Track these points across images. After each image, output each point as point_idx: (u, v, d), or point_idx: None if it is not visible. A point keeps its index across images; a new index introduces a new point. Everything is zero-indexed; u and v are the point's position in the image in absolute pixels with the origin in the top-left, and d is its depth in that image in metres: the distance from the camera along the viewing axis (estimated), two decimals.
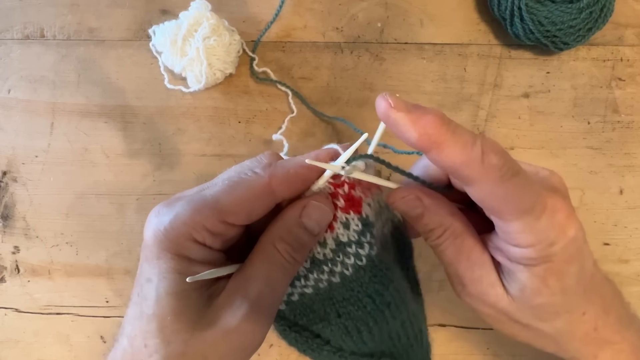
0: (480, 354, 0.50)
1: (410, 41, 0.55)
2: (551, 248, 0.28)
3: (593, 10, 0.50)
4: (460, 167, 0.26)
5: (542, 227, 0.28)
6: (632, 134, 0.54)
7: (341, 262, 0.33)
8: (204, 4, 0.51)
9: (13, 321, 0.50)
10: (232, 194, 0.29)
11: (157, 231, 0.29)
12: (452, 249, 0.31)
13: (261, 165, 0.30)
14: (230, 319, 0.29)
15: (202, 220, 0.29)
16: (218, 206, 0.29)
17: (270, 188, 0.29)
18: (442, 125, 0.25)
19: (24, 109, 0.54)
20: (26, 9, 0.56)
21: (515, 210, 0.27)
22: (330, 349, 0.36)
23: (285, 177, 0.30)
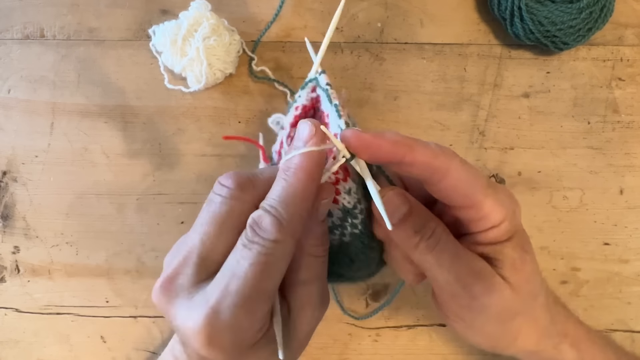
0: (480, 354, 0.50)
1: (410, 41, 0.55)
2: (515, 216, 0.32)
3: (593, 10, 0.50)
4: (433, 161, 0.29)
5: (502, 198, 0.31)
6: (632, 134, 0.54)
7: (350, 224, 0.35)
8: (204, 4, 0.51)
9: (13, 321, 0.50)
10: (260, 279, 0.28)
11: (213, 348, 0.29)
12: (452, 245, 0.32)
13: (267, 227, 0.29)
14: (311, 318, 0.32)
15: (253, 323, 0.29)
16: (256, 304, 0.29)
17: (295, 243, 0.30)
18: (403, 136, 0.30)
19: (24, 109, 0.54)
20: (26, 9, 0.56)
21: (481, 187, 0.30)
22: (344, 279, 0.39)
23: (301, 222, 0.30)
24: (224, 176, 0.30)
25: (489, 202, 0.30)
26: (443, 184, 0.30)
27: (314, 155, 0.29)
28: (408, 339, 0.50)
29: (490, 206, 0.30)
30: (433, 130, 0.53)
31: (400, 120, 0.53)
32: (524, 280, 0.32)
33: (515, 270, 0.32)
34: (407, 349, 0.50)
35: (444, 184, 0.30)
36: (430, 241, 0.31)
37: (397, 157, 0.29)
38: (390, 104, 0.54)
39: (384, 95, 0.54)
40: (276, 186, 0.29)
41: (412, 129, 0.53)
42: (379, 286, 0.51)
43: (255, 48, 0.54)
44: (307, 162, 0.29)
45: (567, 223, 0.52)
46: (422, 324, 0.50)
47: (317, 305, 0.32)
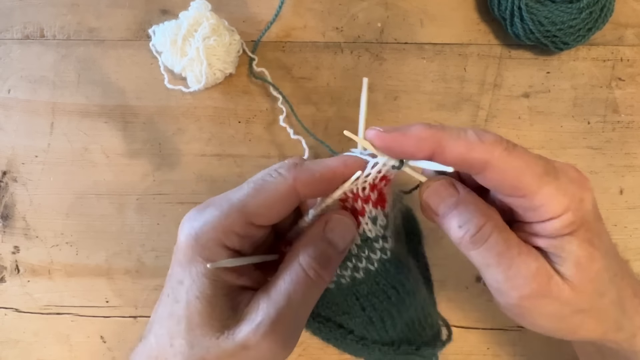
0: (480, 354, 0.50)
1: (410, 41, 0.55)
2: (583, 205, 0.28)
3: (593, 10, 0.50)
4: (468, 154, 0.27)
5: (565, 185, 0.28)
6: (632, 134, 0.54)
7: (366, 257, 0.33)
8: (204, 4, 0.51)
9: (13, 321, 0.50)
10: (258, 197, 0.30)
11: (189, 236, 0.30)
12: (501, 243, 0.29)
13: (286, 167, 0.30)
14: (250, 335, 0.29)
15: (231, 224, 0.29)
16: (245, 209, 0.29)
17: (295, 190, 0.30)
18: (431, 127, 0.28)
19: (24, 109, 0.54)
20: (26, 9, 0.56)
21: (534, 176, 0.27)
22: (353, 338, 0.37)
23: (310, 179, 0.30)
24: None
25: (545, 191, 0.27)
26: (485, 175, 0.28)
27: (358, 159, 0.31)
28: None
29: (547, 196, 0.27)
30: None
31: (400, 120, 0.53)
32: (588, 279, 0.29)
33: (580, 268, 0.29)
34: None
35: (487, 176, 0.28)
36: (476, 238, 0.29)
37: (425, 154, 0.28)
38: (390, 104, 0.54)
39: (384, 95, 0.54)
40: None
41: None
42: None
43: (255, 48, 0.54)
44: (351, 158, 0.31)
45: None
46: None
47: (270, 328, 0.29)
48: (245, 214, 0.29)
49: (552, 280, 0.29)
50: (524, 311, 0.31)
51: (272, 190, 0.30)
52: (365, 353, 0.38)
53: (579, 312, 0.30)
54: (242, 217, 0.29)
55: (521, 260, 0.29)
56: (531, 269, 0.29)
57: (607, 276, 0.30)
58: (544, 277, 0.29)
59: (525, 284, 0.29)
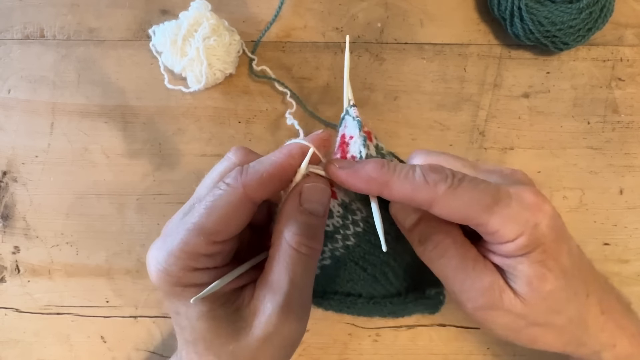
0: (480, 354, 0.50)
1: (410, 41, 0.55)
2: (538, 229, 0.29)
3: (593, 10, 0.50)
4: (414, 195, 0.29)
5: (516, 212, 0.29)
6: (632, 134, 0.54)
7: (351, 222, 0.34)
8: (204, 4, 0.51)
9: (13, 321, 0.50)
10: (212, 215, 0.29)
11: (158, 271, 0.30)
12: (457, 259, 0.31)
13: (232, 174, 0.30)
14: (267, 326, 0.30)
15: (193, 248, 0.29)
16: (203, 231, 0.29)
17: (247, 197, 0.30)
18: (382, 167, 0.29)
19: (24, 109, 0.54)
20: (26, 9, 0.56)
21: (482, 208, 0.28)
22: (363, 301, 0.39)
23: (260, 183, 0.30)
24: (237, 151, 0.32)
25: (496, 220, 0.28)
26: (434, 211, 0.29)
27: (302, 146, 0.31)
28: (408, 339, 0.50)
29: (498, 224, 0.29)
30: (433, 131, 0.53)
31: (400, 120, 0.53)
32: (540, 297, 0.30)
33: (531, 287, 0.30)
34: (407, 349, 0.50)
35: (435, 212, 0.29)
36: (433, 253, 0.31)
37: (375, 192, 0.30)
38: (390, 104, 0.54)
39: (384, 95, 0.54)
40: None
41: (412, 129, 0.53)
42: None
43: (255, 48, 0.54)
44: (294, 146, 0.31)
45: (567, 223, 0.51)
46: (422, 324, 0.50)
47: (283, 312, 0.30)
48: (204, 235, 0.29)
49: (503, 295, 0.31)
50: (480, 320, 0.32)
51: (224, 205, 0.29)
52: (378, 310, 0.40)
53: (534, 325, 0.32)
54: (202, 239, 0.29)
55: (475, 275, 0.31)
56: (484, 283, 0.30)
57: (563, 295, 0.31)
58: (496, 292, 0.30)
59: (478, 297, 0.31)
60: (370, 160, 0.30)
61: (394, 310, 0.40)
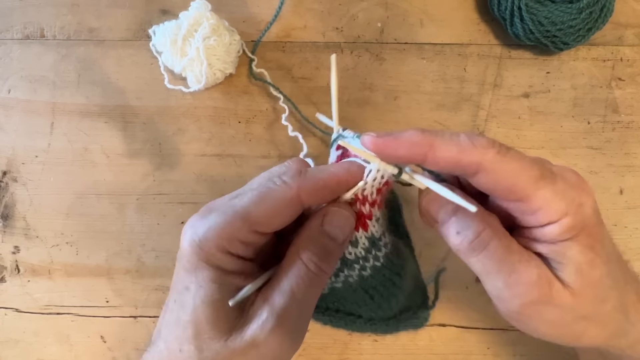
0: (480, 354, 0.50)
1: (410, 41, 0.55)
2: (582, 210, 0.28)
3: (593, 10, 0.50)
4: (460, 157, 0.27)
5: (563, 189, 0.28)
6: (632, 134, 0.54)
7: (374, 256, 0.34)
8: (204, 4, 0.51)
9: (13, 321, 0.50)
10: (262, 205, 0.30)
11: (192, 242, 0.30)
12: (501, 250, 0.29)
13: (290, 174, 0.30)
14: (258, 332, 0.30)
15: (234, 232, 0.29)
16: (249, 217, 0.29)
17: (299, 198, 0.30)
18: (423, 132, 0.28)
19: (24, 109, 0.54)
20: (26, 9, 0.56)
21: (529, 179, 0.27)
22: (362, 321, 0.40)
23: (314, 188, 0.30)
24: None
25: (542, 194, 0.27)
26: (479, 178, 0.28)
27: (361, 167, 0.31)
28: (408, 339, 0.50)
29: (543, 199, 0.27)
30: None
31: (400, 120, 0.53)
32: (590, 285, 0.29)
33: (581, 275, 0.28)
34: (407, 349, 0.50)
35: (480, 179, 0.28)
36: (474, 244, 0.29)
37: (418, 158, 0.28)
38: (390, 104, 0.54)
39: (384, 95, 0.54)
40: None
41: None
42: None
43: (255, 49, 0.54)
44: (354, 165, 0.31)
45: None
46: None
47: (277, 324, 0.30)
48: (248, 222, 0.29)
49: (553, 287, 0.29)
50: (525, 318, 0.31)
51: (276, 198, 0.30)
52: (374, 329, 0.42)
53: (581, 319, 0.30)
54: (245, 225, 0.29)
55: (522, 267, 0.29)
56: (532, 275, 0.29)
57: (608, 282, 0.30)
58: (545, 284, 0.29)
59: (527, 291, 0.29)
60: (409, 128, 0.29)
61: (387, 329, 0.43)
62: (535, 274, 0.29)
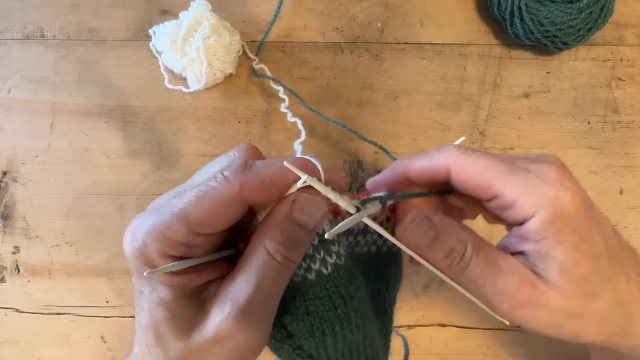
0: (480, 354, 0.50)
1: (410, 41, 0.55)
2: (559, 204, 0.28)
3: (593, 10, 0.50)
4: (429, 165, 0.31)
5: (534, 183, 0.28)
6: (632, 134, 0.54)
7: (321, 259, 0.32)
8: (204, 4, 0.51)
9: (13, 321, 0.50)
10: (201, 206, 0.28)
11: (133, 249, 0.29)
12: (481, 265, 0.29)
13: (233, 168, 0.28)
14: (221, 326, 0.28)
15: (173, 235, 0.28)
16: (188, 219, 0.27)
17: (241, 197, 0.28)
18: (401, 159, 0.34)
19: (24, 109, 0.54)
20: (26, 9, 0.56)
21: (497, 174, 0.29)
22: (291, 344, 0.34)
23: (258, 186, 0.28)
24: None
25: (511, 188, 0.28)
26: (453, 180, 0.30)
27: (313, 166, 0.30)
28: (408, 339, 0.50)
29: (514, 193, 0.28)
30: (433, 131, 0.53)
31: (400, 120, 0.53)
32: (574, 283, 0.29)
33: (564, 274, 0.28)
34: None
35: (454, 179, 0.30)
36: (461, 265, 0.30)
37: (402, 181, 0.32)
38: (390, 104, 0.54)
39: (384, 95, 0.54)
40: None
41: (412, 129, 0.53)
42: None
43: (259, 50, 0.54)
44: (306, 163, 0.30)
45: None
46: (422, 324, 0.50)
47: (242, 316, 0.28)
48: (187, 224, 0.27)
49: (537, 288, 0.29)
50: (521, 321, 0.31)
51: (216, 198, 0.28)
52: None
53: (575, 317, 0.30)
54: (184, 227, 0.27)
55: (502, 274, 0.29)
56: (513, 281, 0.29)
57: (596, 279, 0.29)
58: (527, 287, 0.29)
59: (511, 296, 0.29)
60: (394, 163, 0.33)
61: None
62: (516, 279, 0.29)
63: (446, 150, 0.31)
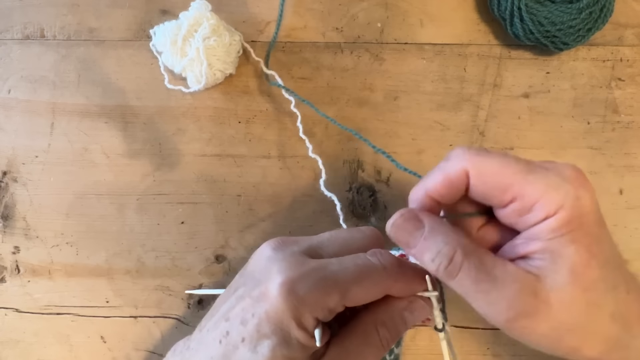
0: (480, 354, 0.50)
1: (410, 41, 0.55)
2: (580, 204, 0.27)
3: (593, 10, 0.50)
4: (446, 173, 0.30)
5: (556, 181, 0.27)
6: (632, 134, 0.54)
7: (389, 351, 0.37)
8: (204, 4, 0.51)
9: (13, 321, 0.50)
10: (361, 285, 0.30)
11: (291, 295, 0.29)
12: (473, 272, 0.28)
13: (387, 257, 0.31)
14: None
15: (329, 303, 0.30)
16: (346, 293, 0.30)
17: (390, 288, 0.31)
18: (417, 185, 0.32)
19: (24, 109, 0.54)
20: (26, 9, 0.56)
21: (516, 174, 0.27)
22: None
23: (401, 287, 0.32)
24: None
25: (533, 188, 0.27)
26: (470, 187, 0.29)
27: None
28: (408, 338, 0.50)
29: (537, 192, 0.26)
30: (433, 131, 0.53)
31: (400, 120, 0.53)
32: (582, 288, 0.27)
33: (574, 276, 0.27)
34: (407, 349, 0.50)
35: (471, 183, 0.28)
36: (449, 269, 0.28)
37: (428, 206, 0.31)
38: (390, 104, 0.54)
39: (384, 95, 0.54)
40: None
41: (412, 129, 0.53)
42: None
43: (267, 58, 0.54)
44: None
45: None
46: (422, 324, 0.50)
47: None
48: (345, 297, 0.30)
49: (537, 297, 0.27)
50: (517, 333, 0.29)
51: (375, 282, 0.30)
52: None
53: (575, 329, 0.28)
54: (341, 300, 0.30)
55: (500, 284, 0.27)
56: (512, 289, 0.27)
57: (603, 287, 0.28)
58: (529, 295, 0.27)
59: (510, 307, 0.27)
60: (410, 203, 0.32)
61: None
62: (515, 288, 0.27)
63: (457, 154, 0.29)
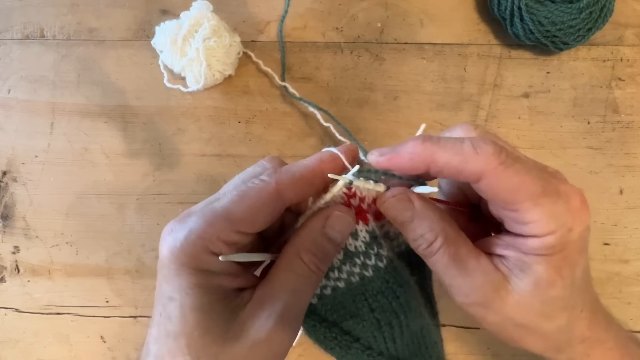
0: (480, 354, 0.50)
1: (410, 41, 0.55)
2: (569, 235, 0.28)
3: (593, 10, 0.50)
4: (462, 167, 0.28)
5: (559, 211, 0.28)
6: (632, 134, 0.54)
7: (375, 254, 0.34)
8: (205, 4, 0.51)
9: (13, 321, 0.50)
10: (242, 203, 0.29)
11: (173, 248, 0.29)
12: (446, 259, 0.30)
13: (266, 172, 0.31)
14: (258, 331, 0.29)
15: (216, 232, 0.29)
16: (230, 217, 0.29)
17: (279, 194, 0.30)
18: (424, 141, 0.28)
19: (24, 109, 0.54)
20: (26, 9, 0.56)
21: (528, 195, 0.27)
22: (359, 347, 0.35)
23: (292, 181, 0.30)
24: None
25: (538, 211, 0.27)
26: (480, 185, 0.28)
27: (331, 153, 0.32)
28: None
29: (538, 216, 0.27)
30: (433, 131, 0.53)
31: (400, 120, 0.53)
32: (540, 301, 0.29)
33: (536, 289, 0.29)
34: None
35: (481, 186, 0.28)
36: (426, 251, 0.31)
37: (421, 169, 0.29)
38: (390, 104, 0.54)
39: (384, 95, 0.54)
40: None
41: (412, 129, 0.53)
42: None
43: (284, 70, 0.54)
44: (324, 153, 0.32)
45: None
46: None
47: (279, 321, 0.30)
48: (230, 221, 0.29)
49: (498, 293, 0.30)
50: (469, 315, 0.32)
51: (256, 196, 0.30)
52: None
53: (521, 327, 0.31)
54: (227, 225, 0.29)
55: (467, 273, 0.30)
56: (475, 282, 0.30)
57: (561, 304, 0.30)
58: (489, 289, 0.30)
59: (469, 294, 0.31)
60: (412, 137, 0.29)
61: None
62: (480, 280, 0.30)
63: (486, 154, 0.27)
